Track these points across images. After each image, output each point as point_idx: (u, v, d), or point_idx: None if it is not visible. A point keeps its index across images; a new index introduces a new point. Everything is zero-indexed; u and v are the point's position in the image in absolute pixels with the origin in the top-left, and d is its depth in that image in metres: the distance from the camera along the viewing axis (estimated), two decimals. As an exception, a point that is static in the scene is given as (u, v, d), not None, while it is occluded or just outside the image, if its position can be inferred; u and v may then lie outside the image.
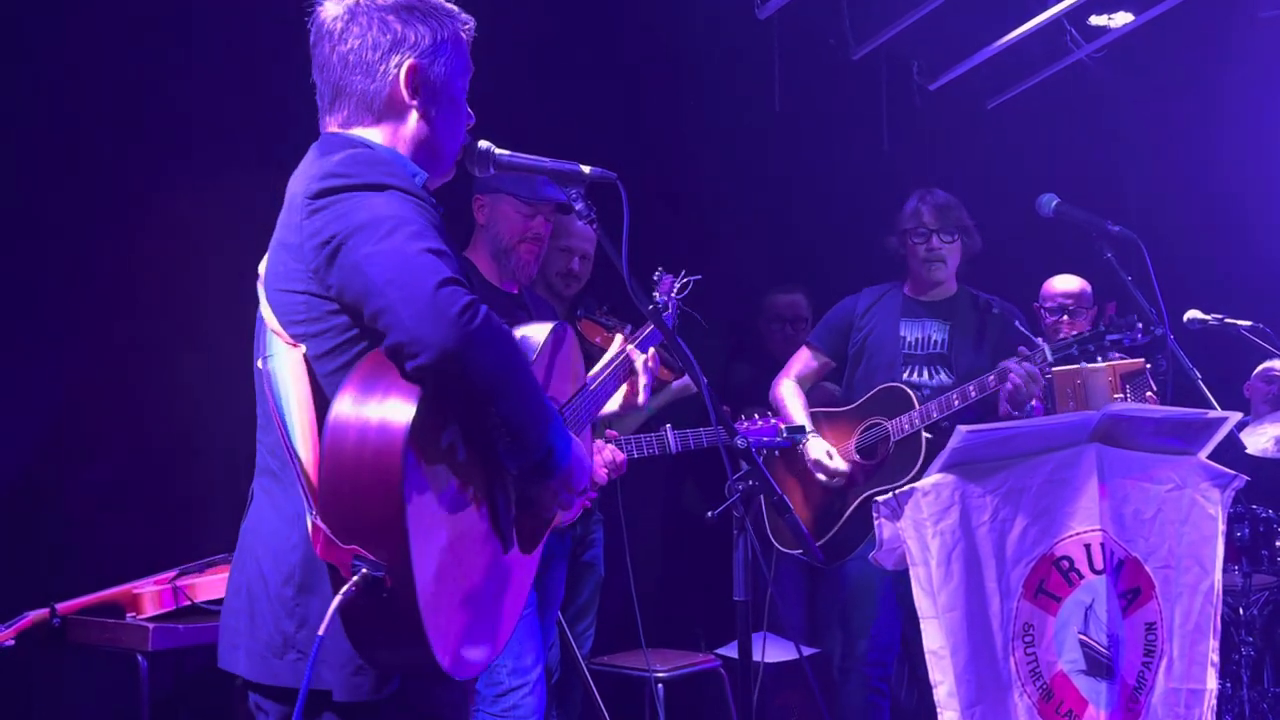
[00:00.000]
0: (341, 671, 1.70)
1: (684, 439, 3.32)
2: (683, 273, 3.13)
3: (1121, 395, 4.28)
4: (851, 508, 3.71)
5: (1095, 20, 5.81)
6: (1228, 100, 6.24)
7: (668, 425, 3.34)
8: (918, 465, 3.49)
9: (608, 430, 3.32)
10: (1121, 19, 5.79)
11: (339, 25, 1.86)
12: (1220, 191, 6.18)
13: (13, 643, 2.63)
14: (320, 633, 1.62)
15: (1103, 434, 2.66)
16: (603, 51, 4.67)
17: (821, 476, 3.72)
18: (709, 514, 2.38)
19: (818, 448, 3.73)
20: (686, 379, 4.01)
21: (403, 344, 1.64)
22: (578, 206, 2.25)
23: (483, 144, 2.26)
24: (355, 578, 1.60)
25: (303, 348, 1.76)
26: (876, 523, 2.60)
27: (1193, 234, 6.05)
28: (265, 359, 1.80)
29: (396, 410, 1.64)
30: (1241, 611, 4.73)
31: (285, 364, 1.76)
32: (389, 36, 1.86)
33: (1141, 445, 2.70)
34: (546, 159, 2.35)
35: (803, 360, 4.01)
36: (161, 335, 3.38)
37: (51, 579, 2.98)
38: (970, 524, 2.54)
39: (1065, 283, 4.51)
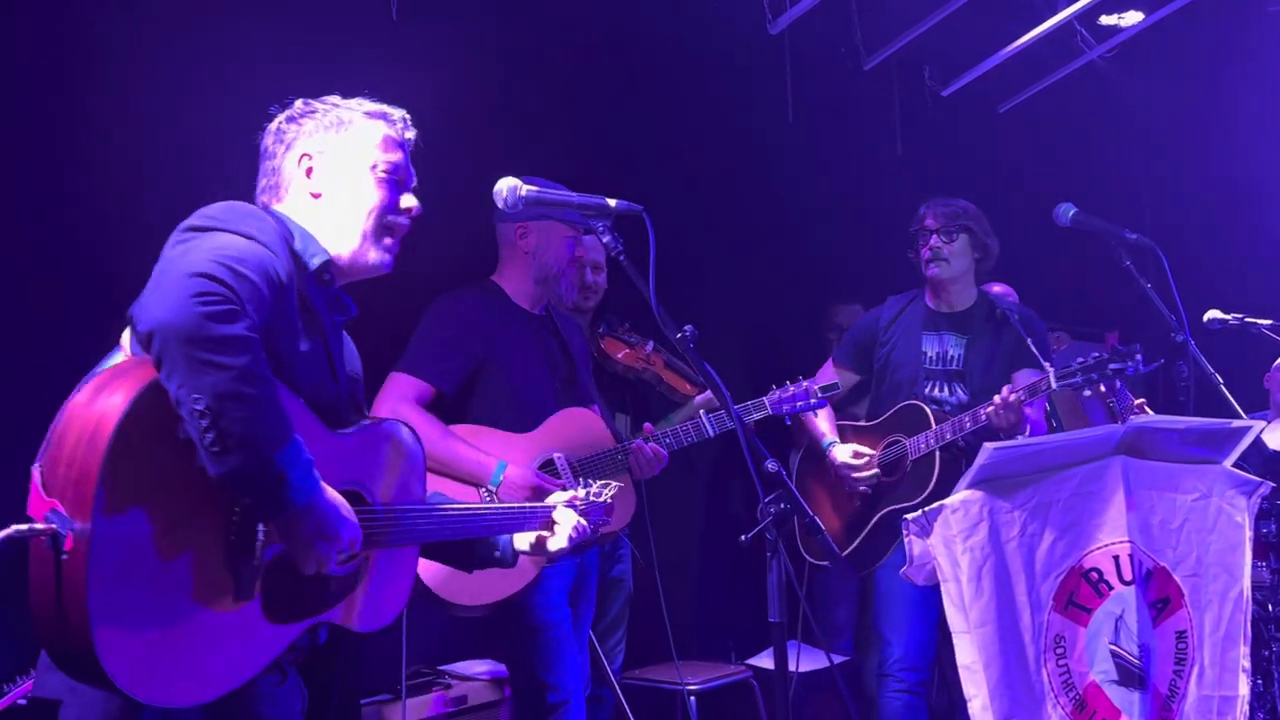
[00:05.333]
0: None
1: (720, 421, 3.37)
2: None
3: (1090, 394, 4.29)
4: (873, 521, 3.77)
5: (1106, 20, 5.81)
6: (1241, 95, 6.24)
7: (702, 411, 3.40)
8: (931, 484, 3.55)
9: (645, 425, 3.40)
10: (1132, 18, 5.79)
11: (265, 142, 2.16)
12: (1237, 188, 6.18)
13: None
14: None
15: (1128, 446, 2.68)
16: (616, 74, 4.71)
17: (853, 476, 3.78)
18: (742, 538, 2.41)
19: (844, 451, 3.81)
20: (709, 393, 4.05)
21: (131, 313, 1.68)
22: (605, 240, 2.29)
23: (510, 181, 2.31)
24: (40, 525, 1.57)
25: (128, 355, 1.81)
26: (906, 540, 2.63)
27: (1210, 231, 6.06)
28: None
29: (132, 379, 1.65)
30: (1271, 608, 4.72)
31: (112, 361, 1.82)
32: (282, 139, 2.14)
33: (1167, 456, 2.72)
34: (573, 193, 2.39)
35: (828, 376, 4.02)
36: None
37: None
38: (999, 539, 2.57)
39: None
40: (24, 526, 1.58)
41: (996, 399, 3.45)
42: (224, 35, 3.49)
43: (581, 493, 2.55)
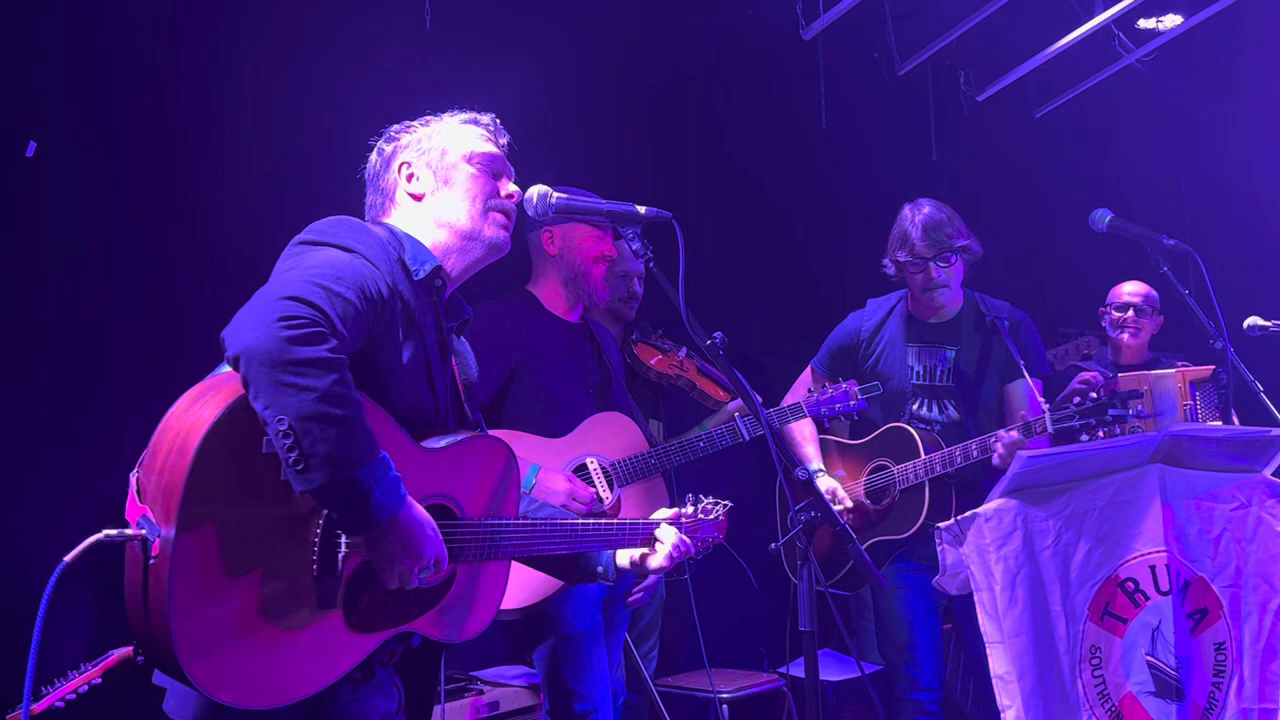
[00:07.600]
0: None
1: (755, 425, 3.35)
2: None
3: (1190, 402, 4.22)
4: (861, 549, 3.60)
5: (1144, 24, 5.75)
6: (1281, 99, 6.15)
7: (737, 414, 3.40)
8: (921, 516, 3.40)
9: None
10: (1171, 21, 5.73)
11: (371, 170, 2.25)
12: (1277, 192, 6.09)
13: (100, 681, 2.70)
14: (67, 559, 1.66)
15: (1164, 455, 2.65)
16: (648, 81, 4.72)
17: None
18: (772, 545, 2.41)
19: (824, 485, 3.59)
20: (741, 400, 4.04)
21: (222, 335, 1.72)
22: (634, 246, 2.29)
23: (540, 188, 2.32)
24: (131, 530, 1.66)
25: None
26: (939, 549, 2.61)
27: (1250, 236, 5.98)
28: None
29: (224, 392, 1.72)
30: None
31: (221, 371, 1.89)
32: (383, 157, 2.22)
33: (1205, 465, 2.68)
34: (602, 200, 2.40)
35: (806, 385, 3.83)
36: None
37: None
38: (1034, 548, 2.55)
39: (1133, 285, 4.64)
40: (114, 531, 1.66)
41: (999, 446, 3.25)
42: (249, 42, 3.53)
43: (690, 509, 2.48)
